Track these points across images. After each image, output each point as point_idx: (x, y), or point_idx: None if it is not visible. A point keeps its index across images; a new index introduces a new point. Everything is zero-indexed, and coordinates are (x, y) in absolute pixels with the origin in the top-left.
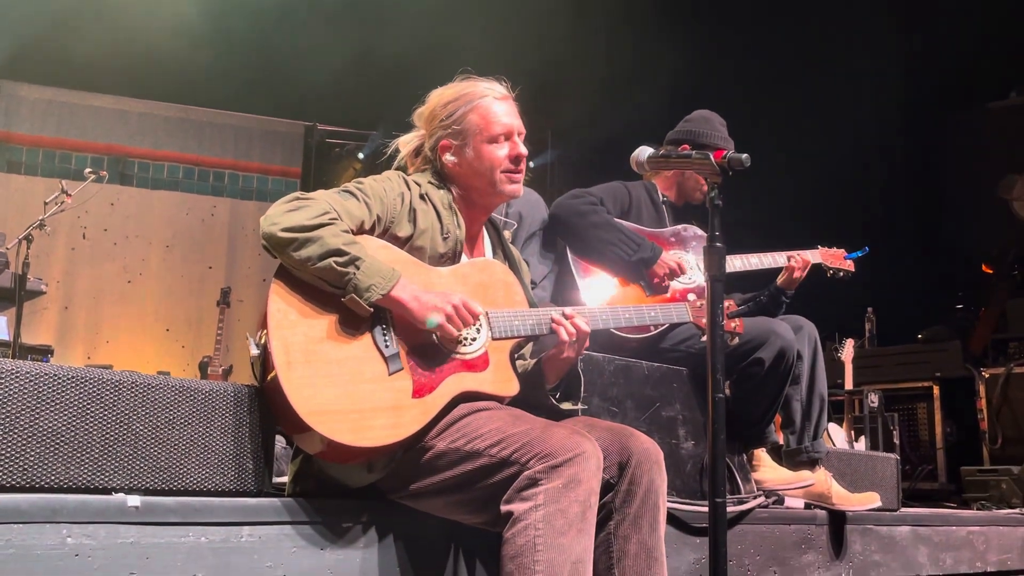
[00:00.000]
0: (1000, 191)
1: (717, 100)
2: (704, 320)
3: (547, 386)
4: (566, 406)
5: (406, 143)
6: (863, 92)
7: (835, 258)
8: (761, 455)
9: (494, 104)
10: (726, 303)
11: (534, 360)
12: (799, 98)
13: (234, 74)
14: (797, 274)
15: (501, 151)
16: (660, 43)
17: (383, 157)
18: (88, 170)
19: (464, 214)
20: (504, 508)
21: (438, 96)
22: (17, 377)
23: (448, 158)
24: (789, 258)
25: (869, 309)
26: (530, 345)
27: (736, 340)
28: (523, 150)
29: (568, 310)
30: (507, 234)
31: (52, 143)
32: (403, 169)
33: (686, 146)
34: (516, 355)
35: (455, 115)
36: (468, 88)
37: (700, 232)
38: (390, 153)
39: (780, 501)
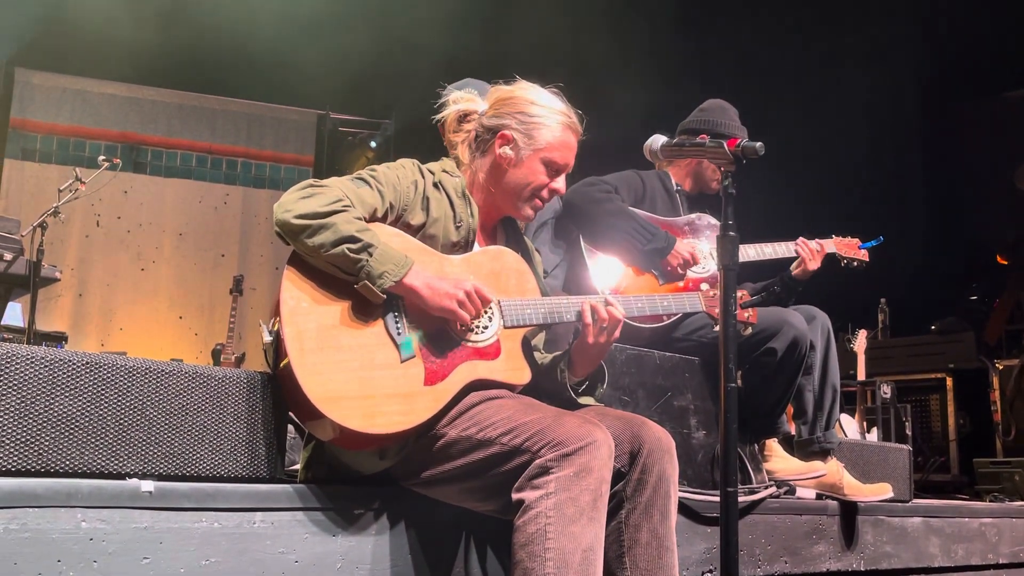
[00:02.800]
0: (1015, 180)
1: (729, 88)
2: (717, 310)
3: (574, 379)
4: (586, 400)
5: (463, 100)
6: (878, 81)
7: (850, 248)
8: (773, 445)
9: (569, 135)
10: (740, 293)
11: (556, 353)
12: (813, 85)
13: (247, 62)
14: (812, 265)
15: (544, 177)
16: (671, 29)
17: (438, 102)
18: (102, 157)
19: (480, 203)
20: (515, 496)
21: (528, 91)
22: (32, 362)
23: (504, 150)
24: (802, 247)
25: (882, 300)
26: (542, 335)
27: (749, 330)
28: (561, 188)
29: (610, 297)
30: (520, 223)
31: (66, 131)
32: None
33: (704, 136)
34: (531, 343)
35: (535, 119)
36: (557, 105)
37: (713, 221)
38: (440, 103)
39: (792, 491)
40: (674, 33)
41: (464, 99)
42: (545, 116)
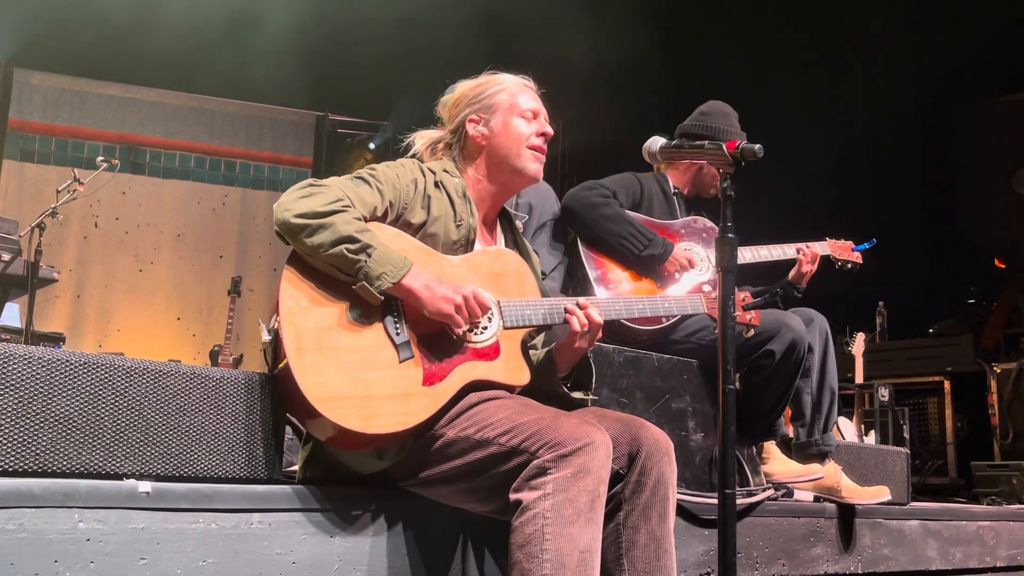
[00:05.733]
0: (1014, 184)
1: (726, 90)
2: None
3: (558, 375)
4: (577, 395)
5: (425, 136)
6: (875, 83)
7: (843, 250)
8: (771, 448)
9: (522, 87)
10: (742, 295)
11: (546, 350)
12: (811, 87)
13: (245, 63)
14: (806, 268)
15: (529, 127)
16: (669, 32)
17: (401, 145)
18: (100, 158)
19: (478, 202)
20: (513, 497)
21: (466, 83)
22: (30, 362)
23: (477, 130)
24: (798, 251)
25: (880, 303)
26: (541, 336)
27: (752, 332)
28: (549, 129)
29: (583, 300)
30: (518, 224)
31: (64, 131)
32: (418, 159)
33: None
34: (528, 345)
35: (485, 94)
36: (497, 75)
37: (710, 224)
38: (405, 144)
39: (789, 494)
40: (673, 35)
41: (427, 132)
42: (491, 86)
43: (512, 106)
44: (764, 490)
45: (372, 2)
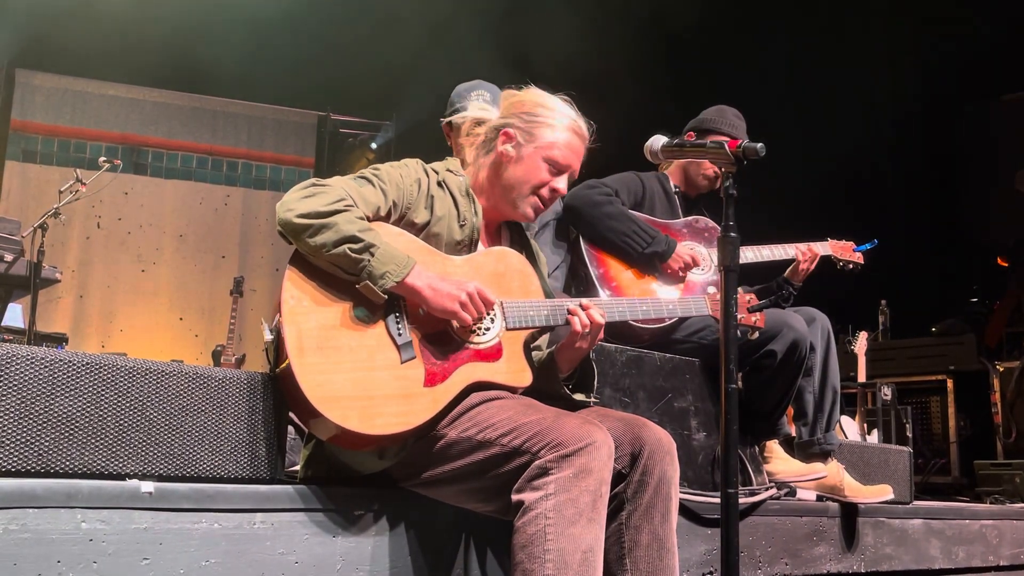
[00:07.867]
0: (1016, 183)
1: (729, 89)
2: None
3: (560, 376)
4: (579, 397)
5: (482, 109)
6: (878, 83)
7: (844, 250)
8: (773, 447)
9: (572, 136)
10: (747, 297)
11: (548, 351)
12: (813, 88)
13: (248, 63)
14: (804, 266)
15: (545, 175)
16: (671, 31)
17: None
18: (102, 159)
19: (483, 203)
20: (515, 497)
21: (537, 94)
22: (33, 363)
23: (504, 147)
24: (799, 251)
25: (883, 302)
26: (545, 336)
27: (756, 335)
28: (562, 189)
29: (585, 301)
30: (528, 233)
31: (67, 132)
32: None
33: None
34: (531, 346)
35: (539, 119)
36: (565, 109)
37: (712, 223)
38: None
39: (792, 493)
40: (674, 33)
41: (482, 108)
42: (549, 116)
43: (548, 147)
44: (767, 489)
45: (373, 3)
